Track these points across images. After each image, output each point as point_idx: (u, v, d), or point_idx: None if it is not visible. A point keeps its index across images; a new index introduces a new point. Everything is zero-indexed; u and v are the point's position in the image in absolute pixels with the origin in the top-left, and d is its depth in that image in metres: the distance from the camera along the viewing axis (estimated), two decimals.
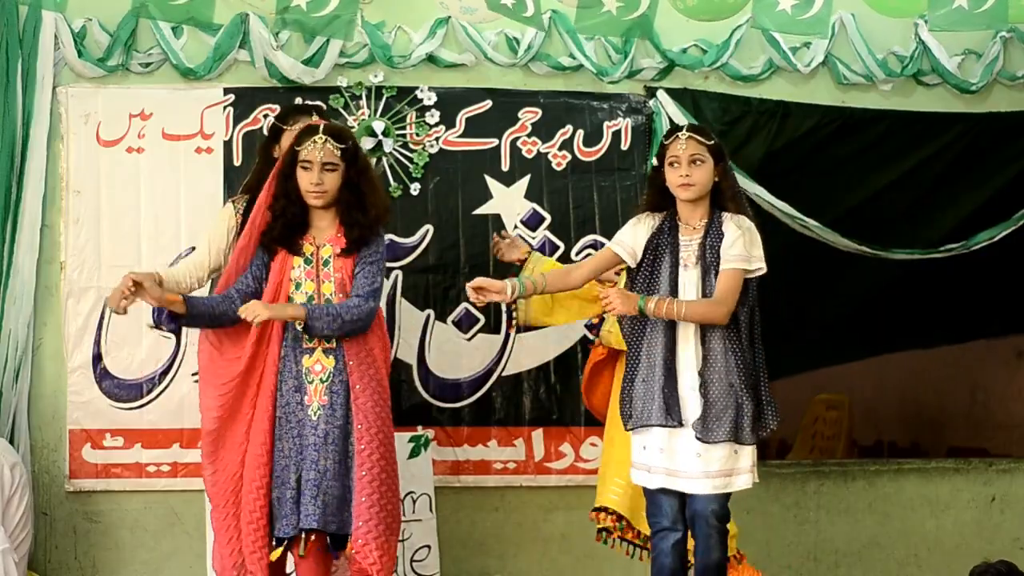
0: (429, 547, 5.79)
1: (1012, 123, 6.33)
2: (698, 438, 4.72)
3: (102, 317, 5.90)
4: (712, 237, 4.78)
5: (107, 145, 5.94)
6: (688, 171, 4.78)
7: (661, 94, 6.11)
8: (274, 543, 4.80)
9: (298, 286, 4.84)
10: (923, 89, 6.32)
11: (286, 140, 5.07)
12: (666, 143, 4.86)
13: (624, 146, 6.15)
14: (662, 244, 4.83)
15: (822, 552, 6.36)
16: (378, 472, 4.80)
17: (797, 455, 8.98)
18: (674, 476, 4.78)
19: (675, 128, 4.94)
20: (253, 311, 4.69)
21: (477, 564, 6.13)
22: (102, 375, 5.91)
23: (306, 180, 4.81)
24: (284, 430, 4.80)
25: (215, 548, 5.00)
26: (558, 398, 6.12)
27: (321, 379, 4.79)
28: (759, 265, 4.80)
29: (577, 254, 6.09)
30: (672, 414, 4.73)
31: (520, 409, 6.10)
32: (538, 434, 6.12)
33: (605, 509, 5.33)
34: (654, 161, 4.98)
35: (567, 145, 6.13)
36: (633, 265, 4.87)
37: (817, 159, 6.23)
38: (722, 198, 4.85)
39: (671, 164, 4.81)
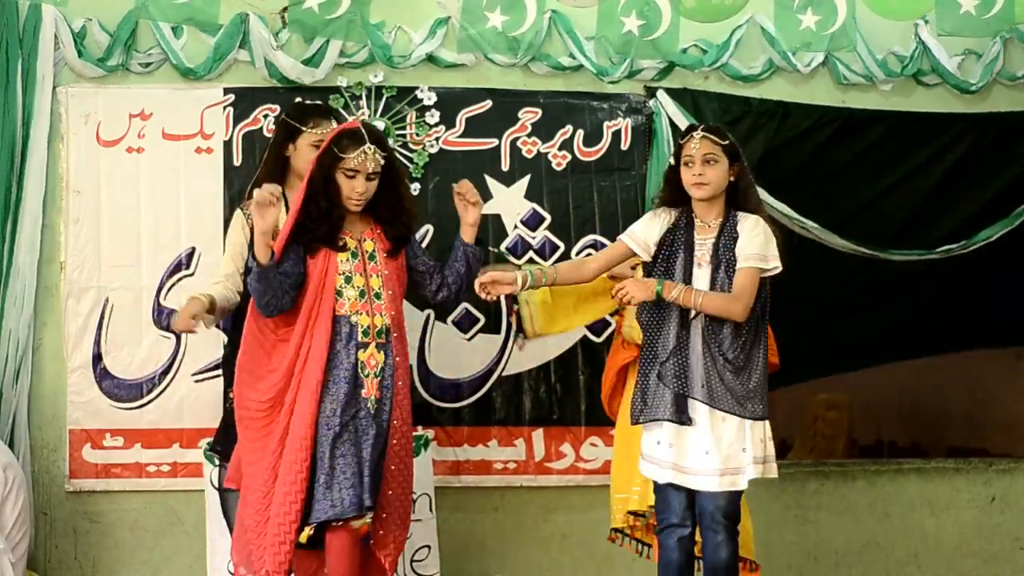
0: (429, 547, 5.79)
1: (1012, 123, 6.32)
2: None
3: (102, 317, 5.90)
4: (727, 237, 4.80)
5: (107, 145, 5.94)
6: (701, 170, 4.80)
7: (661, 94, 6.11)
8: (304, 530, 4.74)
9: (348, 279, 4.86)
10: (923, 89, 6.32)
11: (304, 141, 5.13)
12: (681, 142, 4.88)
13: (624, 146, 6.15)
14: (677, 241, 4.84)
15: (822, 552, 6.35)
16: (403, 467, 4.92)
17: (797, 455, 8.99)
18: (683, 472, 4.78)
19: (691, 127, 4.94)
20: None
21: (477, 564, 6.12)
22: (102, 375, 5.91)
23: (349, 187, 4.84)
24: (336, 422, 4.76)
25: (235, 539, 4.99)
26: (558, 398, 6.11)
27: (375, 373, 4.83)
28: (775, 264, 4.80)
29: (577, 254, 6.09)
30: (682, 409, 4.74)
31: (520, 409, 6.10)
32: (538, 434, 6.12)
33: (634, 513, 5.29)
34: (671, 159, 4.95)
35: (567, 145, 6.13)
36: (647, 259, 4.88)
37: (817, 159, 6.22)
38: (738, 197, 4.87)
39: (686, 164, 4.83)
